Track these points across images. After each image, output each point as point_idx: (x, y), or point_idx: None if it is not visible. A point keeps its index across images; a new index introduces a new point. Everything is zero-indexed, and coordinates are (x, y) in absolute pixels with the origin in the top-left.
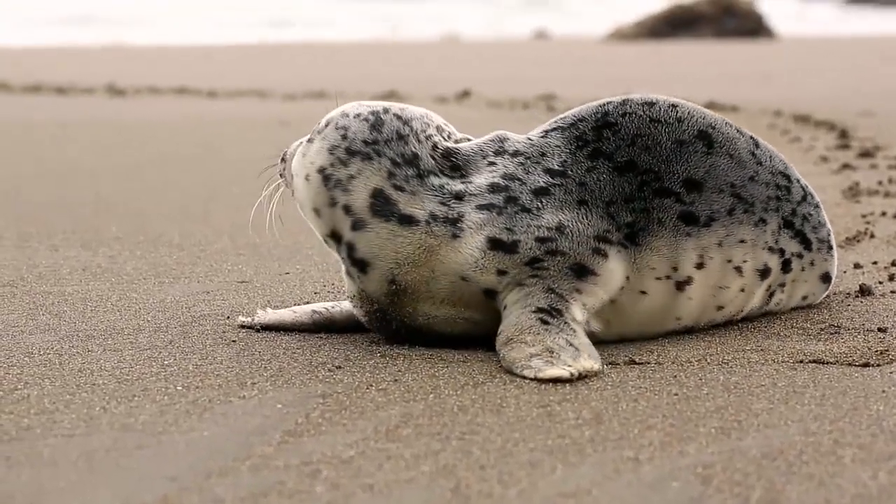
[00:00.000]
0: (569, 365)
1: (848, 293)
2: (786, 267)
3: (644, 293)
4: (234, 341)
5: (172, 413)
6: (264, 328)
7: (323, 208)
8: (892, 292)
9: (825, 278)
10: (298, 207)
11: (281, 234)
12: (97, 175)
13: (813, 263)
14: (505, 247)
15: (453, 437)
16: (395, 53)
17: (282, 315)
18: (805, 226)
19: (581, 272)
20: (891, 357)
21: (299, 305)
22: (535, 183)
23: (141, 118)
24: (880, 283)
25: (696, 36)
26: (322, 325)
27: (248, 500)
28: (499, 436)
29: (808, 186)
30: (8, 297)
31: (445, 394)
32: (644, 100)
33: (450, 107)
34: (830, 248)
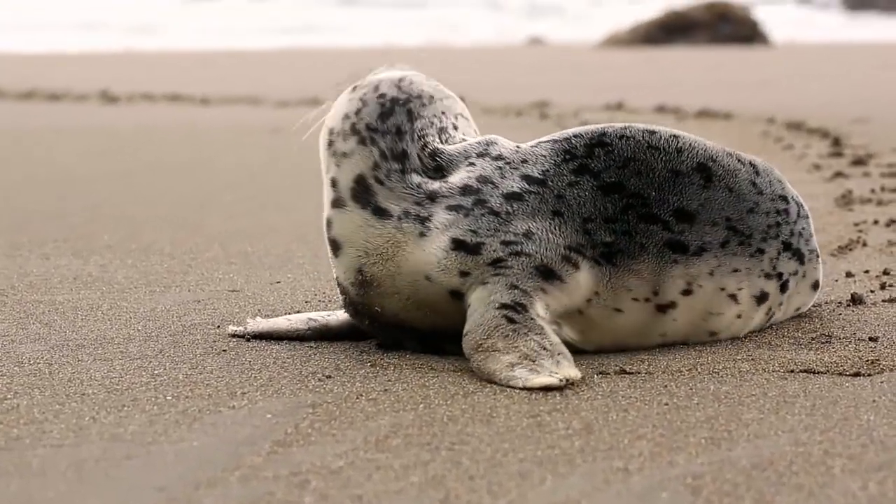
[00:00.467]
0: (554, 371)
1: (839, 302)
2: (784, 288)
3: (619, 311)
4: (224, 351)
5: (162, 423)
6: (256, 337)
7: (323, 168)
8: (883, 301)
9: (815, 286)
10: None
11: (273, 244)
12: (90, 182)
13: (805, 275)
14: (468, 248)
15: (443, 448)
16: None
17: (276, 323)
18: (800, 242)
19: (547, 275)
20: (882, 366)
21: (294, 314)
22: (509, 188)
23: (134, 125)
24: (872, 291)
25: (691, 42)
26: (318, 333)
27: None
28: (488, 446)
29: (798, 197)
30: None
31: (435, 404)
32: (646, 128)
33: None
34: (818, 255)
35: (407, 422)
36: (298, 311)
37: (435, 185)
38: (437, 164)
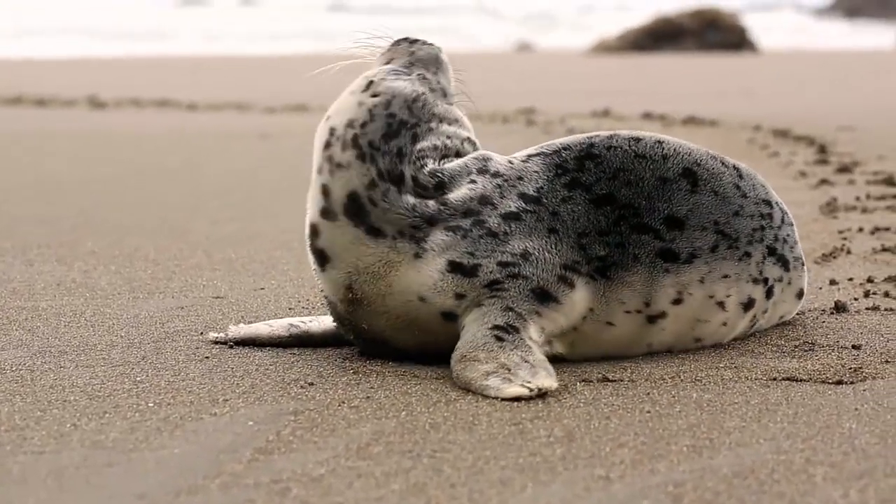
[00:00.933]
0: (528, 381)
1: (823, 310)
2: (769, 294)
3: (611, 325)
4: (207, 357)
5: (143, 430)
6: (238, 343)
7: (315, 159)
8: (866, 309)
9: (800, 294)
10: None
11: (256, 250)
12: (76, 188)
13: (790, 283)
14: (465, 270)
15: (424, 455)
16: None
17: (257, 329)
18: (785, 248)
19: (543, 297)
20: (864, 374)
21: (275, 319)
22: (507, 207)
23: (122, 131)
24: (855, 299)
25: (679, 49)
26: (299, 339)
27: None
28: (470, 454)
29: (782, 203)
30: None
31: (418, 411)
32: (631, 135)
33: None
34: (803, 263)
35: (389, 429)
36: (282, 318)
37: (432, 208)
38: (439, 181)
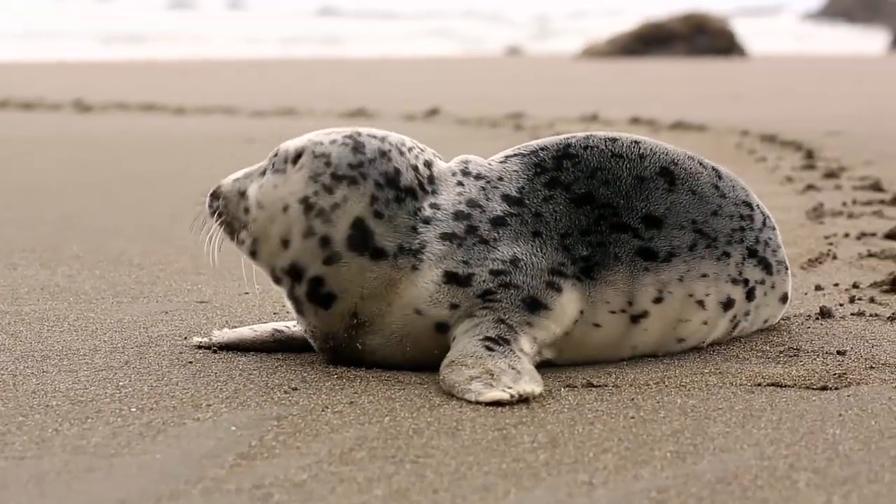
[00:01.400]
0: (508, 387)
1: (808, 315)
2: (750, 295)
3: (598, 326)
4: (190, 362)
5: (125, 435)
6: (222, 347)
7: (295, 239)
8: (852, 315)
9: (784, 298)
10: (246, 243)
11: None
12: (61, 192)
13: (774, 286)
14: (459, 280)
15: (407, 461)
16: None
17: (241, 333)
18: (767, 251)
19: (533, 306)
20: (849, 380)
21: (259, 324)
22: (494, 211)
23: (108, 134)
24: (841, 305)
25: (668, 53)
26: (283, 344)
27: None
28: (453, 459)
29: (764, 208)
30: None
31: (401, 416)
32: (607, 135)
33: (417, 124)
34: (787, 267)
35: (372, 434)
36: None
37: (428, 211)
38: (431, 174)
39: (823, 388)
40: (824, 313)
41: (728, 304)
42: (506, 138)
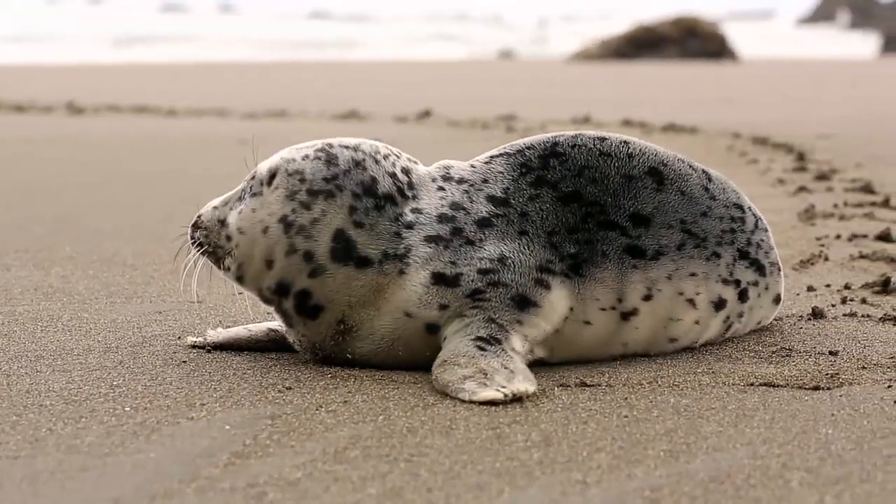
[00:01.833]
0: (502, 386)
1: (800, 316)
2: (743, 297)
3: (588, 323)
4: (184, 362)
5: (119, 434)
6: (216, 347)
7: (279, 258)
8: (844, 315)
9: (777, 300)
10: (231, 269)
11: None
12: (54, 193)
13: (767, 288)
14: (447, 280)
15: (401, 460)
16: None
17: (236, 332)
18: (759, 253)
19: (523, 304)
20: (841, 380)
21: (254, 324)
22: (479, 213)
23: (100, 136)
24: (833, 305)
25: (660, 57)
26: (279, 343)
27: None
28: (447, 458)
29: (756, 210)
30: None
31: (395, 415)
32: (596, 135)
33: (409, 126)
34: (780, 269)
35: (366, 433)
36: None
37: (409, 216)
38: (410, 181)
39: (816, 388)
40: (816, 314)
41: (720, 305)
42: (498, 140)
